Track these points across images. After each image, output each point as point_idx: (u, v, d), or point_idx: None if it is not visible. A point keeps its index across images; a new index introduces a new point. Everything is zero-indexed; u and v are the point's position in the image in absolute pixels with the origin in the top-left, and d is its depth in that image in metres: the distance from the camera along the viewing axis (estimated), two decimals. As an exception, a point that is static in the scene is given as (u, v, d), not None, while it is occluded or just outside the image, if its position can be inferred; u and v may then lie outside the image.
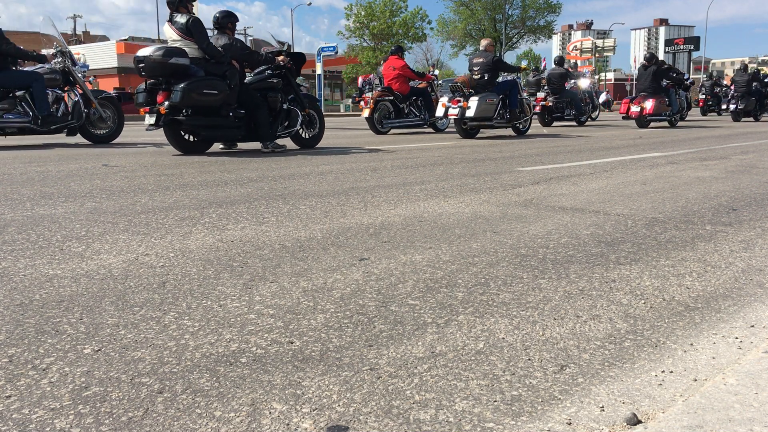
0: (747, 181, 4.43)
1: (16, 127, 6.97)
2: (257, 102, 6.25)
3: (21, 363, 1.33)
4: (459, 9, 49.12)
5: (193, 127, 6.05)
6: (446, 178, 4.52)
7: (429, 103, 10.76)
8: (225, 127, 6.13)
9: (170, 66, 5.69)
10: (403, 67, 10.60)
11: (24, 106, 6.97)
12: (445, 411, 1.15)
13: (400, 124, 10.63)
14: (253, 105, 6.21)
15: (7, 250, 2.28)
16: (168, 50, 5.73)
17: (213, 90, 5.81)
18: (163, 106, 5.71)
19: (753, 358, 1.33)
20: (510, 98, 9.57)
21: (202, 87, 5.76)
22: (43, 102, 6.94)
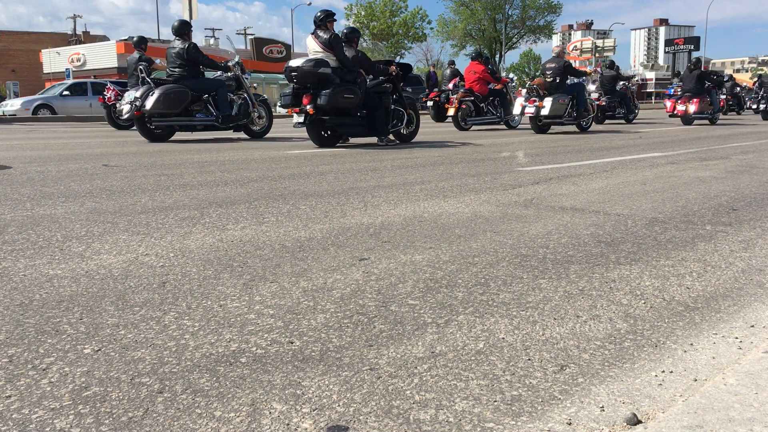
0: (747, 181, 4.43)
1: (204, 124, 8.40)
2: (377, 103, 7.43)
3: (21, 363, 1.33)
4: (459, 9, 49.13)
5: (333, 125, 7.20)
6: (446, 178, 4.52)
7: (504, 102, 12.03)
8: (355, 125, 7.34)
9: (318, 74, 6.83)
10: (483, 71, 11.88)
11: (210, 107, 8.38)
12: (445, 411, 1.15)
13: (480, 122, 11.90)
14: (373, 106, 7.41)
15: (7, 250, 2.28)
16: (317, 62, 6.88)
17: (350, 94, 7.00)
18: (311, 107, 6.81)
19: (753, 358, 1.33)
20: (578, 99, 10.72)
21: (343, 92, 6.91)
22: (225, 104, 8.36)
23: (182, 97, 7.95)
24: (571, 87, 10.77)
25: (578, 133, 10.67)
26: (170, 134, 8.48)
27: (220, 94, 8.27)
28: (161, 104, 7.77)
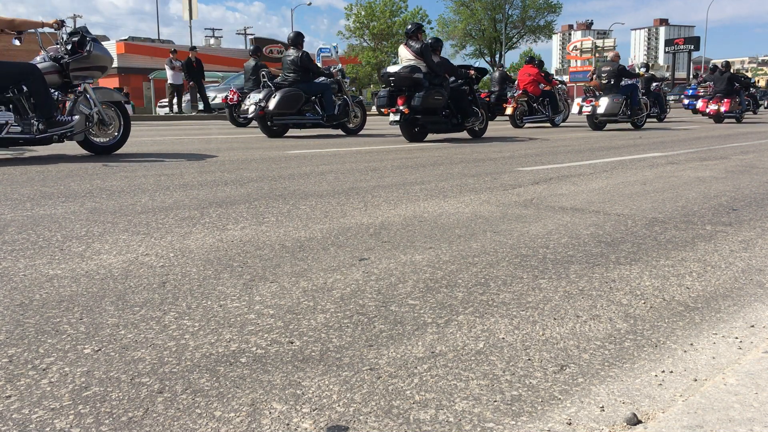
0: (747, 181, 4.43)
1: (312, 122, 9.62)
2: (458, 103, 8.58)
3: (21, 363, 1.33)
4: (459, 9, 49.15)
5: (424, 122, 8.27)
6: (446, 178, 4.52)
7: (554, 102, 13.42)
8: (441, 122, 8.47)
9: (412, 79, 7.90)
10: (537, 73, 13.28)
11: (317, 107, 9.56)
12: (445, 411, 1.15)
13: (532, 120, 13.22)
14: (455, 105, 8.54)
15: (7, 250, 2.28)
16: (411, 68, 8.00)
17: (439, 96, 8.09)
18: (405, 107, 7.89)
19: (753, 358, 1.33)
20: (631, 98, 11.90)
21: (434, 94, 7.98)
22: (330, 105, 9.53)
23: (297, 99, 9.23)
24: (625, 88, 11.88)
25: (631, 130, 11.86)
26: (285, 131, 9.68)
27: (326, 96, 9.52)
28: (281, 105, 9.04)
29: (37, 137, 5.41)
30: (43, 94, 5.36)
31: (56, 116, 5.49)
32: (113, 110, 6.12)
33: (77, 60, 5.62)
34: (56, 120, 5.49)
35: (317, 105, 9.50)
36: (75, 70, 5.64)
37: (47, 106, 5.40)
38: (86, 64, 5.67)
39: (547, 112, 13.35)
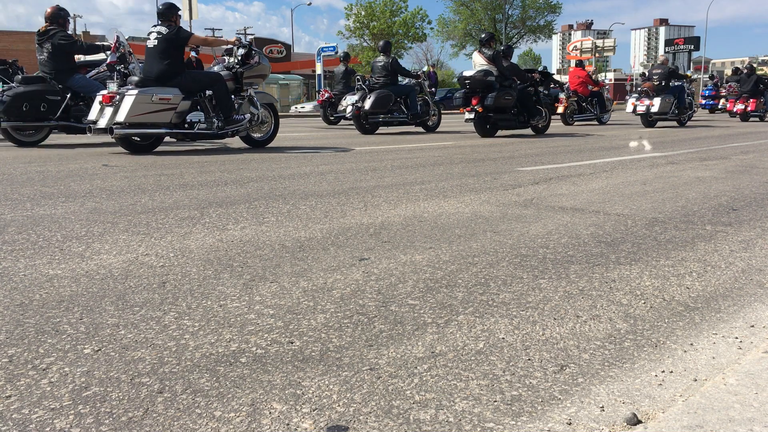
0: (747, 181, 4.43)
1: (399, 120, 10.91)
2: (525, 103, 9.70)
3: (21, 363, 1.33)
4: (459, 9, 49.13)
5: (496, 119, 9.41)
6: (446, 178, 4.52)
7: (602, 102, 14.55)
8: (510, 120, 9.55)
9: (486, 82, 9.08)
10: (586, 76, 14.55)
11: (402, 107, 10.95)
12: (445, 411, 1.15)
13: (582, 118, 14.32)
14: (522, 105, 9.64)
15: (7, 250, 2.28)
16: (485, 72, 9.17)
17: (509, 96, 9.24)
18: (479, 107, 9.08)
19: (753, 358, 1.33)
20: (679, 98, 13.23)
21: (504, 95, 9.14)
22: (414, 105, 10.90)
23: (388, 100, 10.59)
24: (674, 88, 13.22)
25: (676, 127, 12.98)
26: (376, 128, 10.88)
27: (411, 97, 10.90)
28: (375, 105, 10.39)
29: (218, 133, 6.66)
30: (226, 97, 6.62)
31: (233, 116, 6.71)
32: (268, 110, 7.40)
33: (248, 69, 6.89)
34: (232, 119, 6.72)
35: (403, 105, 10.94)
36: (246, 78, 6.93)
37: (228, 108, 6.63)
38: (254, 72, 6.97)
39: (595, 110, 14.38)
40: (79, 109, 7.19)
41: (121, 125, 6.05)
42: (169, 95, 6.19)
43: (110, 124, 6.00)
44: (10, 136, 7.16)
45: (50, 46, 7.03)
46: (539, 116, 10.00)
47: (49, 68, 7.09)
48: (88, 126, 6.28)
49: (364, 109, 10.40)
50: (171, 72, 6.27)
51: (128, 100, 5.99)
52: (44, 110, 7.03)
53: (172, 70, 6.28)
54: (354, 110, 10.58)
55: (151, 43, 6.36)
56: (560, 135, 10.22)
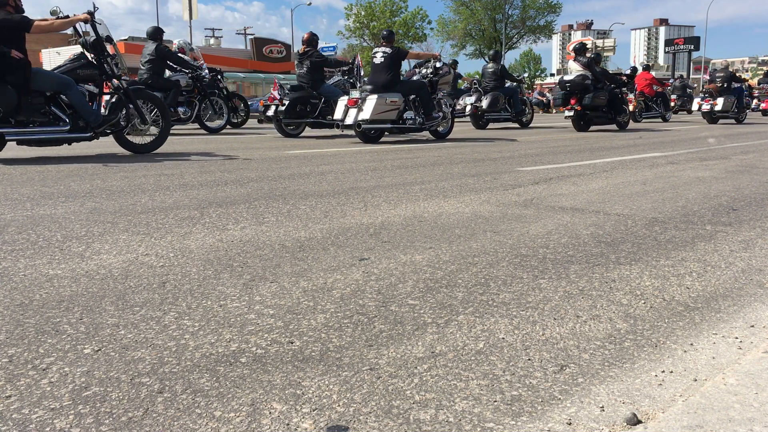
0: (747, 181, 4.43)
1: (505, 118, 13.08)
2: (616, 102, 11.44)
3: (21, 363, 1.33)
4: (459, 9, 49.11)
5: (591, 116, 11.27)
6: (446, 178, 4.52)
7: (666, 102, 16.23)
8: (602, 117, 11.39)
9: (584, 84, 10.96)
10: (652, 78, 16.20)
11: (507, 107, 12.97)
12: (445, 411, 1.15)
13: (648, 116, 15.91)
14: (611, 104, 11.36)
15: (7, 250, 2.28)
16: (582, 76, 11.03)
17: (603, 97, 11.11)
18: (578, 106, 11.00)
19: (753, 358, 1.33)
20: (739, 99, 15.15)
21: (599, 95, 11.02)
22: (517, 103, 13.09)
23: (500, 100, 12.75)
24: (735, 90, 15.02)
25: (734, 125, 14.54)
26: (487, 124, 13.11)
27: (514, 98, 13.05)
28: (491, 105, 12.60)
29: (420, 127, 8.69)
30: (429, 100, 8.67)
31: (432, 114, 8.73)
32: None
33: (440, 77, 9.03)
34: (432, 116, 8.73)
35: (507, 105, 13.00)
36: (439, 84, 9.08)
37: (430, 108, 8.68)
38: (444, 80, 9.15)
39: (660, 109, 16.00)
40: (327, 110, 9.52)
41: (366, 122, 8.01)
42: (396, 98, 8.22)
43: (356, 121, 8.02)
44: (281, 130, 9.68)
45: (309, 63, 9.60)
46: (624, 113, 11.83)
47: (306, 80, 9.63)
48: (336, 123, 8.41)
49: (481, 108, 12.71)
50: (394, 81, 8.39)
51: (371, 102, 7.94)
52: (308, 110, 9.59)
53: (394, 80, 8.41)
54: (472, 109, 12.84)
55: (377, 60, 8.49)
56: (638, 130, 11.97)
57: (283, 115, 9.40)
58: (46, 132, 5.52)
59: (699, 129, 12.61)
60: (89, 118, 5.66)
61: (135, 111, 6.13)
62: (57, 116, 5.55)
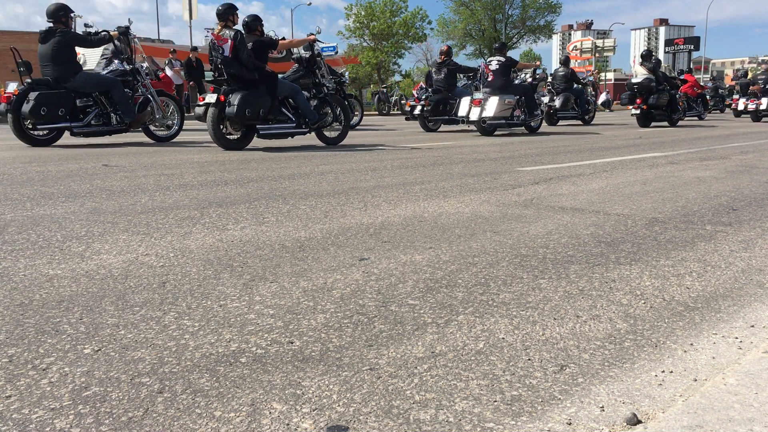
0: (747, 181, 4.43)
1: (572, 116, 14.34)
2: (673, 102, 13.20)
3: (21, 363, 1.33)
4: (459, 9, 49.06)
5: (654, 114, 12.92)
6: (446, 178, 4.52)
7: (705, 103, 17.60)
8: (663, 115, 13.08)
9: (650, 86, 12.62)
10: (694, 80, 17.36)
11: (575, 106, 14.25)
12: (445, 411, 1.15)
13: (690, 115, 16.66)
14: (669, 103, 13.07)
15: (7, 250, 2.28)
16: (648, 79, 12.68)
17: (666, 97, 12.89)
18: (644, 105, 12.63)
19: (753, 358, 1.33)
20: None
21: (662, 96, 12.77)
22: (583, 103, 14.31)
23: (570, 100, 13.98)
24: None
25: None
26: (558, 121, 14.18)
27: (582, 98, 14.28)
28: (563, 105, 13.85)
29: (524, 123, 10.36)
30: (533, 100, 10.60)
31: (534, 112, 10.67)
32: None
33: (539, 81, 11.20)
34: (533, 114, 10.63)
35: (575, 104, 14.18)
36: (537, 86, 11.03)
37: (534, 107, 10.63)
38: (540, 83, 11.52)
39: (699, 108, 17.09)
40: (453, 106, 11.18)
41: (489, 118, 9.84)
42: (512, 99, 10.01)
43: (481, 117, 9.86)
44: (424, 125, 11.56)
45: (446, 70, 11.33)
46: (678, 112, 13.50)
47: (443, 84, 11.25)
48: (462, 119, 10.46)
49: (554, 107, 14.01)
50: (507, 85, 10.24)
51: (493, 102, 9.77)
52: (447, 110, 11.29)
53: (508, 84, 10.26)
54: (546, 108, 13.79)
55: (493, 66, 10.30)
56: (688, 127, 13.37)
57: (428, 114, 11.34)
58: (281, 128, 7.10)
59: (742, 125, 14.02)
60: (309, 118, 7.19)
61: (331, 111, 7.67)
62: (287, 116, 7.16)
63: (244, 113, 6.43)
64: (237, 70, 6.55)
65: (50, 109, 6.82)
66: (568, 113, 14.24)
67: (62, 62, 6.98)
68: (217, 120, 6.54)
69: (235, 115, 6.40)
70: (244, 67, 6.56)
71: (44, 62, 7.00)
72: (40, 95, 6.75)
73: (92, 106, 7.28)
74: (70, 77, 7.02)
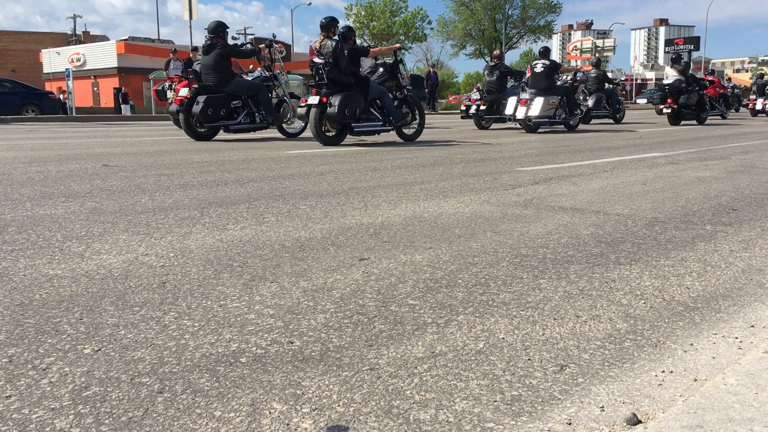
0: (747, 181, 4.43)
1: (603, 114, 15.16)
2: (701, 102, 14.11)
3: (21, 363, 1.33)
4: (459, 9, 49.07)
5: (685, 113, 13.84)
6: (446, 178, 4.52)
7: (727, 102, 17.96)
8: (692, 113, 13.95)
9: (680, 87, 13.51)
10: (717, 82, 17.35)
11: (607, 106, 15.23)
12: (445, 411, 1.15)
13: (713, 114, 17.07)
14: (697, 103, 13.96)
15: (7, 250, 2.28)
16: (678, 80, 13.57)
17: (696, 97, 13.70)
18: (675, 104, 13.55)
19: (753, 358, 1.33)
20: None
21: (692, 96, 13.61)
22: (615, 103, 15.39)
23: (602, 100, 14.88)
24: None
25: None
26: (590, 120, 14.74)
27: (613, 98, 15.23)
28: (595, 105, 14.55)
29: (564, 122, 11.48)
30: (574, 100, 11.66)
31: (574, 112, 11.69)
32: None
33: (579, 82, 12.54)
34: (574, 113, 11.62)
35: (607, 104, 15.03)
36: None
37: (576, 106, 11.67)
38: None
39: (722, 108, 17.41)
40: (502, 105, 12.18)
41: (534, 117, 10.78)
42: (555, 99, 11.00)
43: (527, 116, 10.74)
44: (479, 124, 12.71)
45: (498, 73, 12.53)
46: (707, 111, 14.52)
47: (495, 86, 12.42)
48: (509, 117, 11.49)
49: (587, 106, 14.59)
50: (550, 86, 11.04)
51: (538, 102, 10.71)
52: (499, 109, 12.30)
53: (552, 85, 11.11)
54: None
55: (538, 69, 11.11)
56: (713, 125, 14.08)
57: (483, 113, 12.47)
58: (371, 126, 7.99)
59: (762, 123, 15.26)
60: (394, 116, 8.09)
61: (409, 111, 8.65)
62: (375, 115, 8.02)
63: (343, 113, 7.28)
64: (336, 75, 7.39)
65: (214, 110, 8.16)
66: (601, 112, 15.06)
67: (221, 71, 8.25)
68: (319, 119, 7.42)
69: (336, 114, 7.24)
70: (342, 72, 7.41)
71: (206, 71, 8.32)
72: (208, 98, 8.05)
73: (241, 107, 8.53)
74: (228, 83, 8.30)
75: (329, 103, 7.35)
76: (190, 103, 8.12)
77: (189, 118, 8.25)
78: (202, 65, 8.50)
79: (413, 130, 8.76)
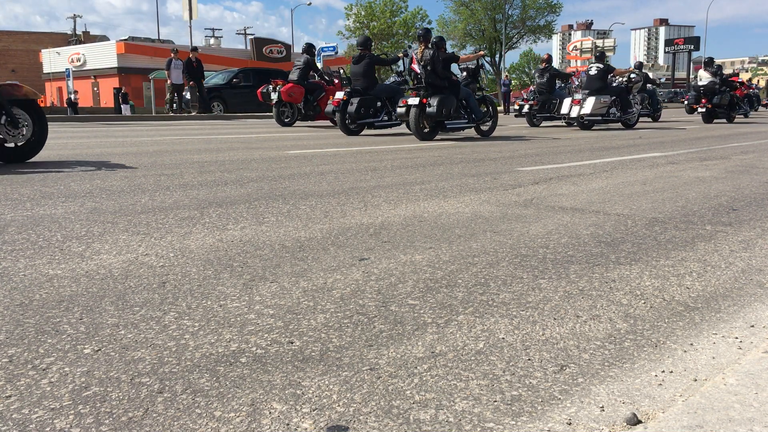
0: (747, 181, 4.43)
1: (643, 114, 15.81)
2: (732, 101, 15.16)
3: (21, 363, 1.33)
4: (459, 9, 49.10)
5: (718, 113, 14.98)
6: (446, 178, 4.52)
7: (751, 101, 19.13)
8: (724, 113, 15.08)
9: (714, 89, 14.73)
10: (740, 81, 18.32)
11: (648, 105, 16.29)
12: (445, 411, 1.15)
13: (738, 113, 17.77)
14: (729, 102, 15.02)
15: (7, 250, 2.28)
16: (713, 82, 14.80)
17: (728, 97, 14.88)
18: (709, 104, 14.68)
19: (753, 358, 1.33)
20: None
21: (725, 96, 14.81)
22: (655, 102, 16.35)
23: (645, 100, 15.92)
24: None
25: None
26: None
27: (654, 98, 16.29)
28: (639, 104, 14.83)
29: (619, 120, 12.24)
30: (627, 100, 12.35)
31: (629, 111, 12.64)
32: None
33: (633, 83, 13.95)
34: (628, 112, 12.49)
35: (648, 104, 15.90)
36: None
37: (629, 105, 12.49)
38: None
39: (746, 107, 18.34)
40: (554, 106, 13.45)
41: (586, 115, 11.69)
42: (606, 99, 11.81)
43: (580, 114, 11.71)
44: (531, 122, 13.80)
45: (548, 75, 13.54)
46: (736, 110, 15.71)
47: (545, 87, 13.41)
48: (563, 116, 12.54)
49: None
50: (604, 87, 11.91)
51: (590, 101, 11.66)
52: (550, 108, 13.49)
53: (605, 86, 11.94)
54: None
55: (592, 72, 12.13)
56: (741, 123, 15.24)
57: (536, 111, 13.57)
58: (459, 123, 9.16)
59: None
60: (476, 115, 9.25)
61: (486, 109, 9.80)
62: (461, 114, 9.11)
63: (441, 112, 8.40)
64: (433, 80, 8.66)
65: (365, 110, 9.81)
66: (642, 111, 15.69)
67: (369, 77, 9.99)
68: (418, 117, 8.56)
69: (435, 113, 8.37)
70: (438, 77, 8.66)
71: (356, 77, 10.02)
72: (360, 100, 9.68)
73: (381, 108, 10.12)
74: (373, 87, 10.01)
75: (428, 103, 8.45)
76: (345, 104, 9.72)
77: (344, 117, 9.81)
78: (352, 72, 10.22)
79: (488, 126, 9.83)
